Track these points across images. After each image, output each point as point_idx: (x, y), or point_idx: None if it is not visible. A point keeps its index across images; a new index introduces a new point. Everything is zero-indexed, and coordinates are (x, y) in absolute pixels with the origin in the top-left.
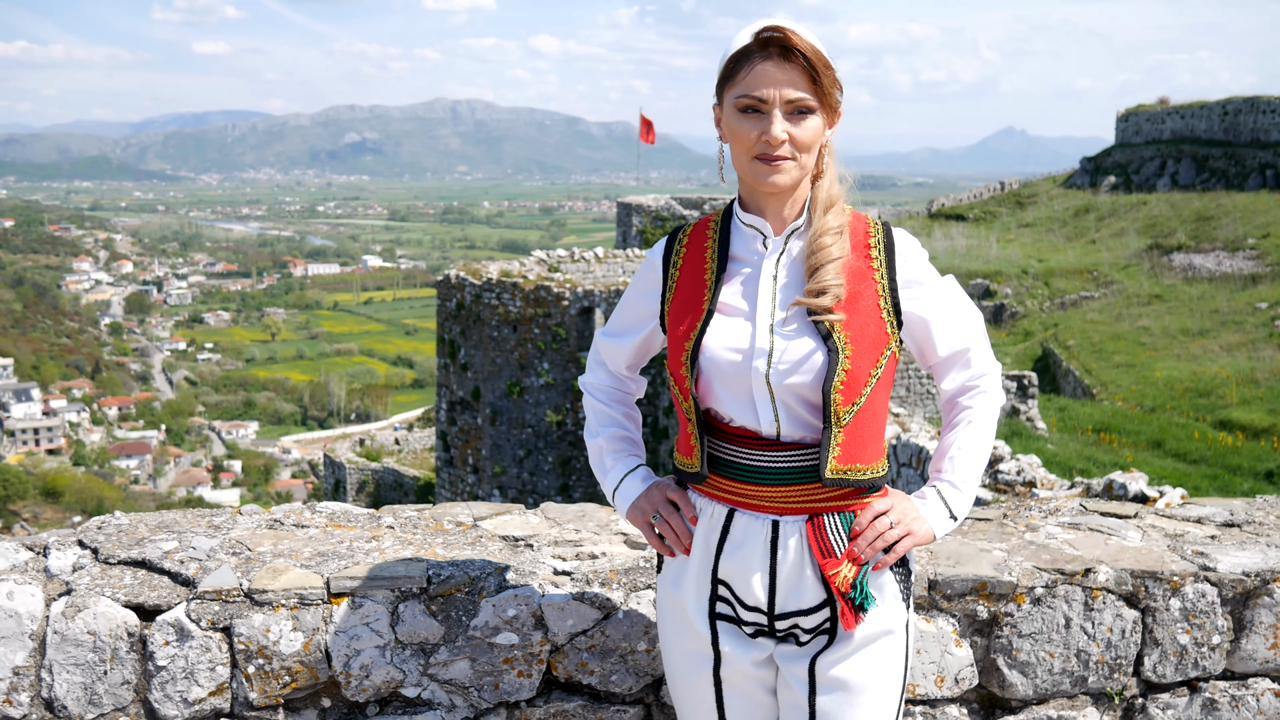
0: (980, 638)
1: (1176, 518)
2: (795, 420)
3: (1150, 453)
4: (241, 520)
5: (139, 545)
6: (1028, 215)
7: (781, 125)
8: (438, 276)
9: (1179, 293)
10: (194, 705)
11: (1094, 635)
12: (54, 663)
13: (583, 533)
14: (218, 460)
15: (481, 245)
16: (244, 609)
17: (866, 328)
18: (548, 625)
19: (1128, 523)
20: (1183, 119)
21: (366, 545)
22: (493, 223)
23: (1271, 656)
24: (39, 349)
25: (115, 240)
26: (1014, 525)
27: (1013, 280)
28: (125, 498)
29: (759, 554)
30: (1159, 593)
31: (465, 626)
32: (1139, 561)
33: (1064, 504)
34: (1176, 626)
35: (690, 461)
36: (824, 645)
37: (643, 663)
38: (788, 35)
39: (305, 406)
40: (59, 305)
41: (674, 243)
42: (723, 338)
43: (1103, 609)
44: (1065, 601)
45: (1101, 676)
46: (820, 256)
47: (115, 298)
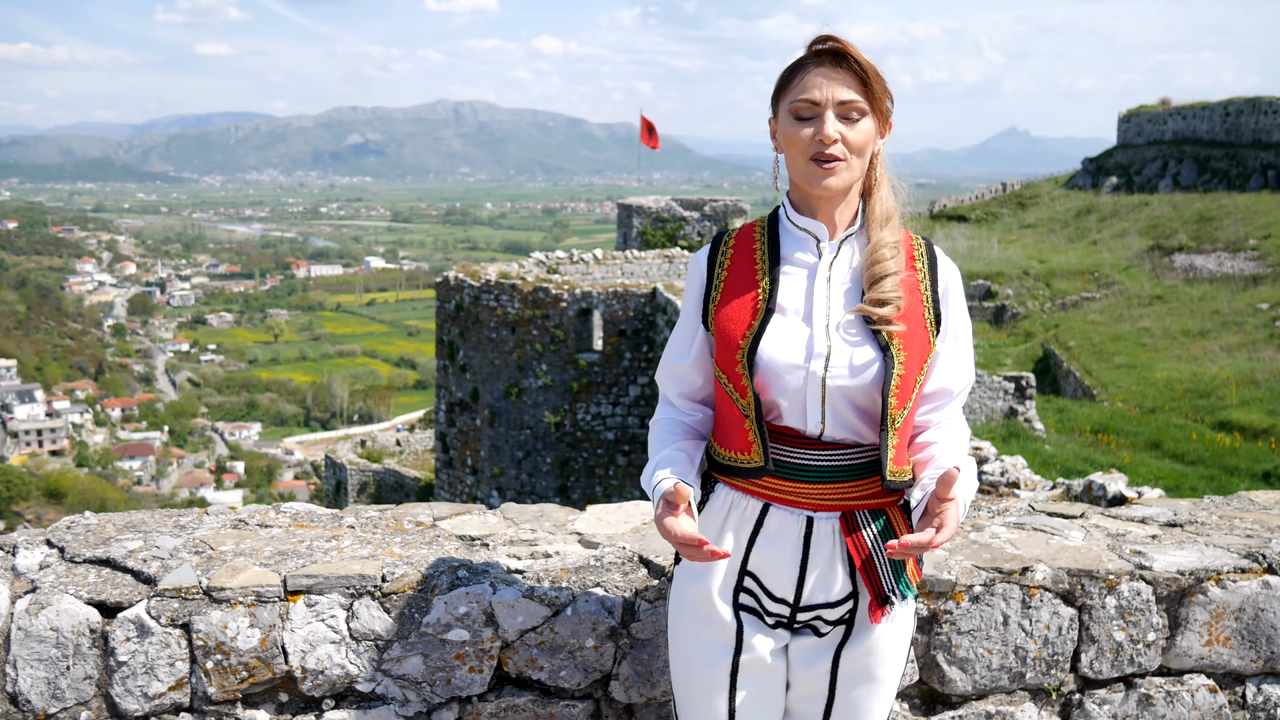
0: (921, 634)
1: (1121, 518)
2: (840, 422)
3: (1148, 453)
4: (208, 520)
5: (105, 544)
6: (1029, 216)
7: (834, 125)
8: (440, 278)
9: (1180, 294)
10: (154, 700)
11: (1031, 632)
12: (18, 658)
13: (538, 532)
14: (221, 461)
15: (484, 246)
16: (202, 606)
17: (916, 337)
18: (498, 622)
19: (1073, 523)
20: (1185, 120)
21: (326, 545)
22: (495, 224)
23: (1206, 653)
24: (42, 350)
25: (118, 242)
26: (960, 525)
27: (1014, 281)
28: (128, 499)
29: (791, 548)
30: (1095, 591)
31: (418, 623)
32: (1076, 560)
33: (1014, 505)
34: (1113, 624)
35: (747, 457)
36: (842, 637)
37: (591, 659)
38: (840, 42)
39: (308, 408)
40: (62, 307)
41: (719, 244)
42: (782, 338)
43: (1040, 607)
44: (1003, 599)
45: (1039, 672)
46: (880, 269)
47: (118, 299)
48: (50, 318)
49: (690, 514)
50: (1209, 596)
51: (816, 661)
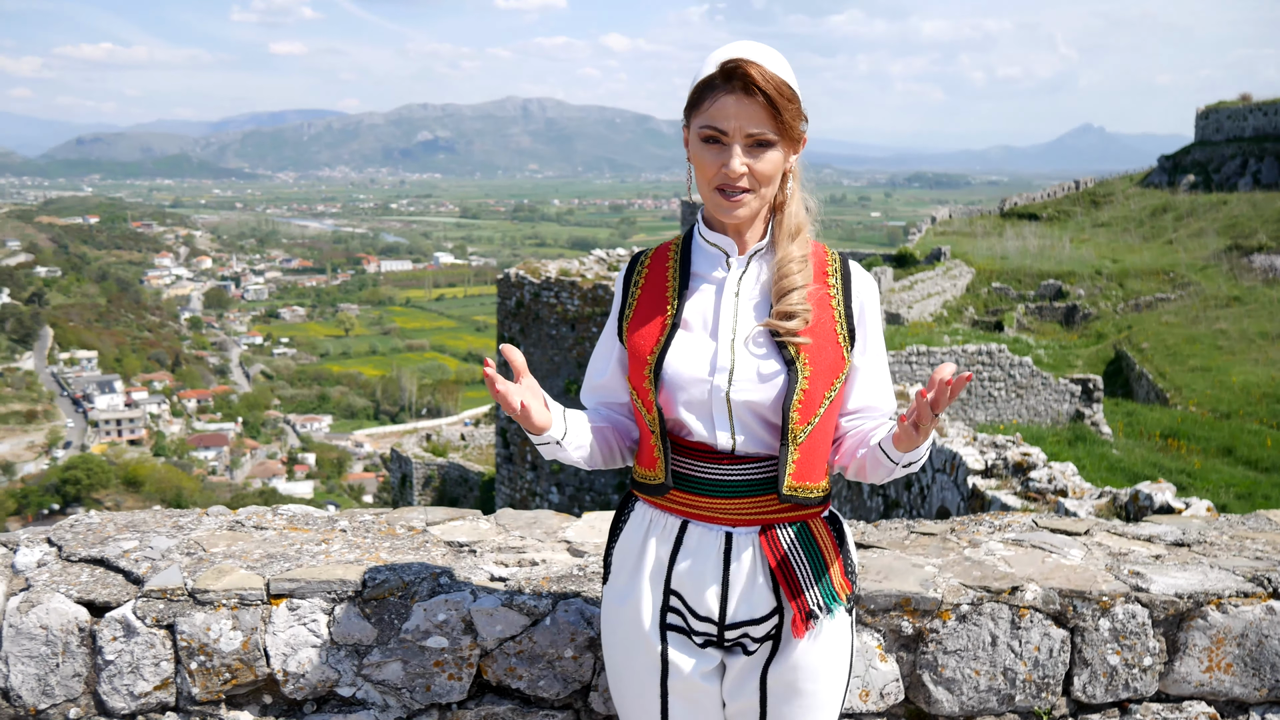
0: (906, 653)
1: (1127, 536)
2: (751, 436)
3: (1220, 460)
4: (206, 521)
5: (101, 544)
6: (1103, 215)
7: (740, 159)
8: (500, 275)
9: (1259, 295)
10: (140, 698)
11: (1021, 654)
12: (10, 655)
13: (528, 540)
14: (292, 453)
15: (551, 243)
16: (187, 608)
17: (825, 352)
18: (477, 630)
19: (1075, 540)
20: (1265, 116)
21: (315, 548)
22: (563, 220)
23: (1206, 680)
24: (122, 342)
25: (195, 237)
26: (957, 540)
27: (1085, 281)
28: (203, 488)
29: (712, 565)
30: (1088, 612)
31: (397, 629)
32: (1070, 581)
33: (1018, 520)
34: (1106, 647)
35: (653, 474)
36: (770, 653)
37: (570, 669)
38: (749, 71)
39: (377, 401)
40: (141, 300)
41: (636, 263)
42: (685, 352)
43: (1030, 627)
44: (991, 619)
45: (1029, 695)
46: (787, 283)
47: (195, 293)
48: (130, 310)
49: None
50: (1209, 621)
51: (746, 680)
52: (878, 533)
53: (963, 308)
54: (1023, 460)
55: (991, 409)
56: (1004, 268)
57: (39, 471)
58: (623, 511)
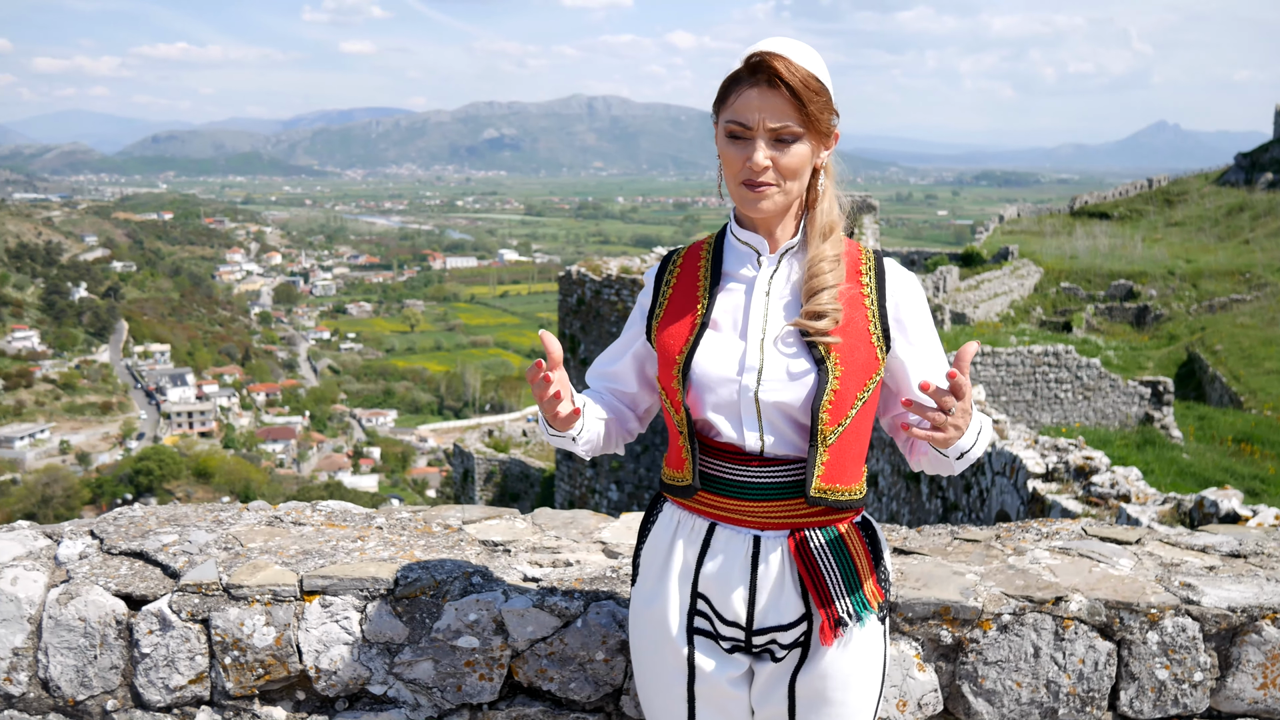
0: (945, 663)
1: (1180, 545)
2: (780, 438)
3: None
4: (246, 516)
5: (142, 537)
6: (1176, 214)
7: (764, 152)
8: (562, 272)
9: None
10: (175, 692)
11: (1065, 666)
12: (49, 645)
13: (563, 540)
14: (358, 446)
15: (615, 240)
16: (221, 603)
17: (856, 352)
18: (508, 630)
19: (1125, 549)
20: None
21: (351, 545)
22: (627, 218)
23: (1261, 697)
24: (194, 336)
25: (265, 233)
26: (1001, 548)
27: (1158, 281)
28: (270, 480)
29: (740, 568)
30: (1135, 625)
31: (428, 629)
32: (1117, 591)
33: (1065, 526)
34: (1155, 661)
35: (681, 475)
36: (799, 660)
37: (601, 672)
38: (773, 64)
39: (442, 396)
40: (213, 295)
41: (668, 262)
42: (714, 352)
43: (1074, 639)
44: (1034, 630)
45: (1073, 709)
46: (818, 282)
47: (265, 288)
48: (202, 305)
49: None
50: (1263, 636)
51: (774, 687)
52: (920, 538)
53: (1030, 308)
54: (1085, 464)
55: (1058, 411)
56: (1073, 267)
57: (113, 462)
58: (651, 513)
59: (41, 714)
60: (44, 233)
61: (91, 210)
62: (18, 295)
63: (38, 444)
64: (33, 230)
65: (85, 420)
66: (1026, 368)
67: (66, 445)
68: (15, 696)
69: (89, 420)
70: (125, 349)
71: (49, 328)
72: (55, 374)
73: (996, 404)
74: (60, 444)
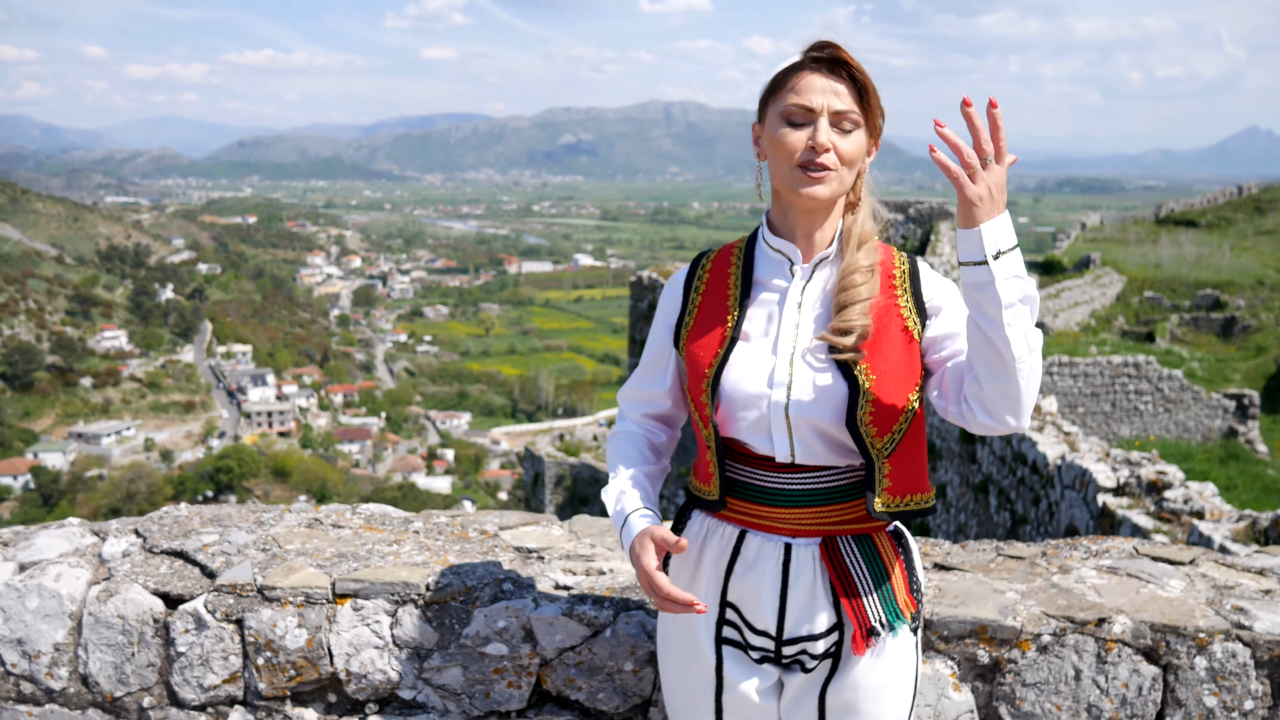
0: (982, 683)
1: (1236, 568)
2: (811, 451)
3: None
4: (287, 518)
5: (184, 537)
6: (1268, 222)
7: (828, 133)
8: (634, 277)
9: None
10: (209, 691)
11: (1107, 690)
12: (89, 642)
13: (598, 548)
14: (432, 449)
15: (690, 246)
16: (255, 604)
17: (893, 359)
18: (537, 639)
19: (1177, 570)
20: None
21: (386, 549)
22: (702, 224)
23: None
24: (275, 337)
25: (346, 236)
26: (1046, 566)
27: (1246, 291)
28: (346, 480)
29: (770, 576)
30: (1182, 649)
31: (458, 634)
32: (1164, 614)
33: (1116, 545)
34: (1203, 688)
35: (707, 489)
36: (830, 671)
37: (629, 683)
38: (838, 49)
39: (515, 400)
40: (294, 297)
41: (696, 267)
42: (744, 366)
43: (1118, 663)
44: (1075, 652)
45: None
46: (848, 295)
47: (344, 291)
48: (283, 307)
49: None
50: None
51: (804, 698)
52: (963, 554)
53: (1112, 317)
54: (1158, 479)
55: (1137, 423)
56: (1158, 276)
57: (195, 460)
58: (681, 520)
59: (81, 709)
60: (133, 235)
61: (179, 213)
62: (108, 296)
63: (123, 441)
64: (123, 233)
65: (169, 418)
66: (1105, 379)
67: (151, 443)
68: (56, 691)
69: (173, 418)
70: (209, 349)
71: (136, 328)
72: (141, 373)
73: (1073, 415)
74: (145, 441)
